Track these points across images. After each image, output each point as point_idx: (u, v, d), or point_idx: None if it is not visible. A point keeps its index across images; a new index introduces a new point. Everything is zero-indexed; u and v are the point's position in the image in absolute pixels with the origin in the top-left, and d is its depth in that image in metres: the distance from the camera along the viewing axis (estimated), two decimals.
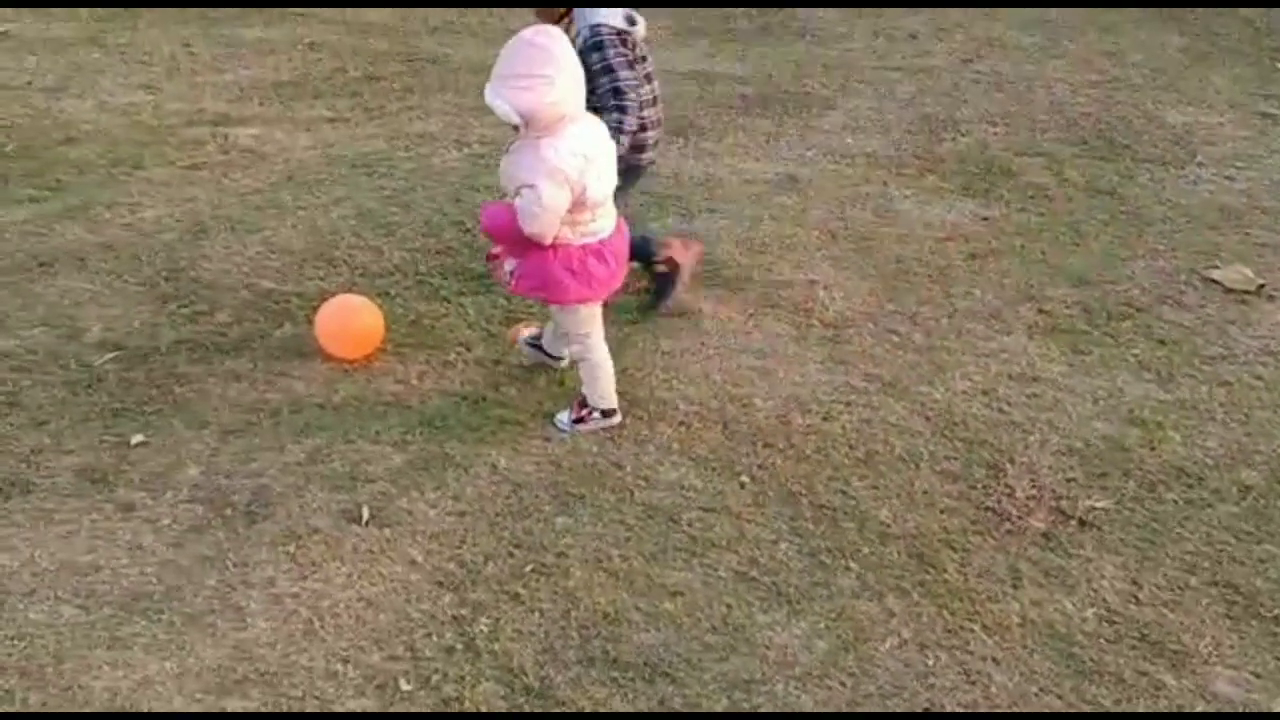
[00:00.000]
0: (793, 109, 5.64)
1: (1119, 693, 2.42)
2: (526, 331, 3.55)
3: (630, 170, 3.39)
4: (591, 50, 3.29)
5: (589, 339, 3.12)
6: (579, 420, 3.20)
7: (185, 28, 6.73)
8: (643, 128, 3.45)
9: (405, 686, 2.37)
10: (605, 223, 2.99)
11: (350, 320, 3.55)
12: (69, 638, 2.47)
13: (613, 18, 3.37)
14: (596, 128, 2.92)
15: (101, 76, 5.95)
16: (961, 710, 2.37)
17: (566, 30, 3.25)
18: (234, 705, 2.33)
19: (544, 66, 2.70)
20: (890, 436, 3.20)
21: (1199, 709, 2.39)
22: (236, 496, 2.93)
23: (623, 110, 3.31)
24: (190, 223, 4.42)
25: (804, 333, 3.71)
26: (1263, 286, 3.98)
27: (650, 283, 3.84)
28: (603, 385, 3.16)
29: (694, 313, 3.83)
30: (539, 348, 3.48)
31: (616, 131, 3.23)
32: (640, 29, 3.45)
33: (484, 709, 2.34)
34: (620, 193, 3.07)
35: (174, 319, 3.75)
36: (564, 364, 3.45)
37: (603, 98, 3.28)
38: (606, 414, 3.20)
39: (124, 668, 2.40)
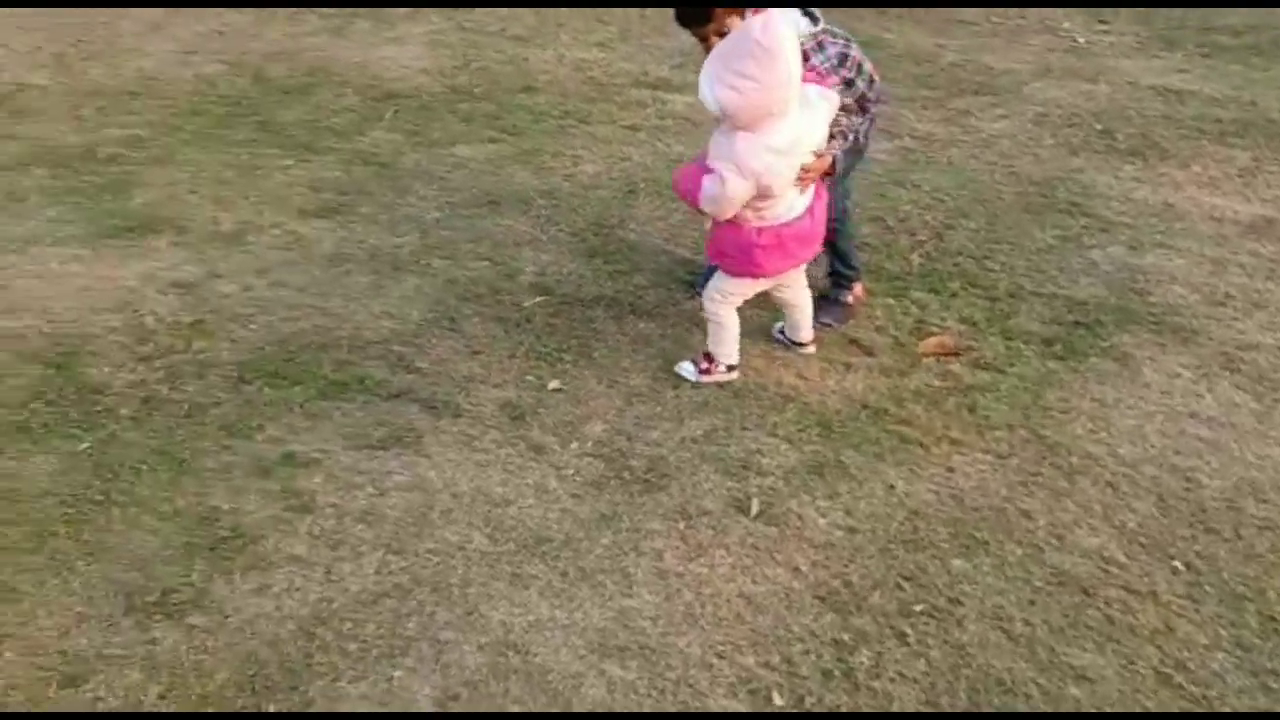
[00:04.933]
0: (1278, 142, 4.90)
1: None
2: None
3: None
4: (803, 60, 3.02)
5: (731, 304, 3.27)
6: (705, 372, 3.32)
7: None
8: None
9: (778, 700, 2.30)
10: (786, 208, 3.05)
11: None
12: (476, 564, 2.64)
13: (796, 21, 3.10)
14: (805, 121, 2.94)
15: (563, 30, 6.34)
16: None
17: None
18: (612, 669, 2.37)
19: (758, 69, 2.75)
20: None
21: None
22: (635, 461, 3.00)
23: None
24: (623, 182, 4.59)
25: (1269, 407, 3.20)
26: None
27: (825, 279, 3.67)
28: (729, 344, 3.29)
29: (1133, 358, 3.43)
30: (782, 339, 3.51)
31: None
32: (821, 24, 3.18)
33: None
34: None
35: (598, 274, 3.91)
36: (809, 349, 3.46)
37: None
38: (730, 369, 3.32)
39: (520, 606, 2.52)
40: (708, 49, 3.11)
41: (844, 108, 3.16)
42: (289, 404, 3.18)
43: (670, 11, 3.22)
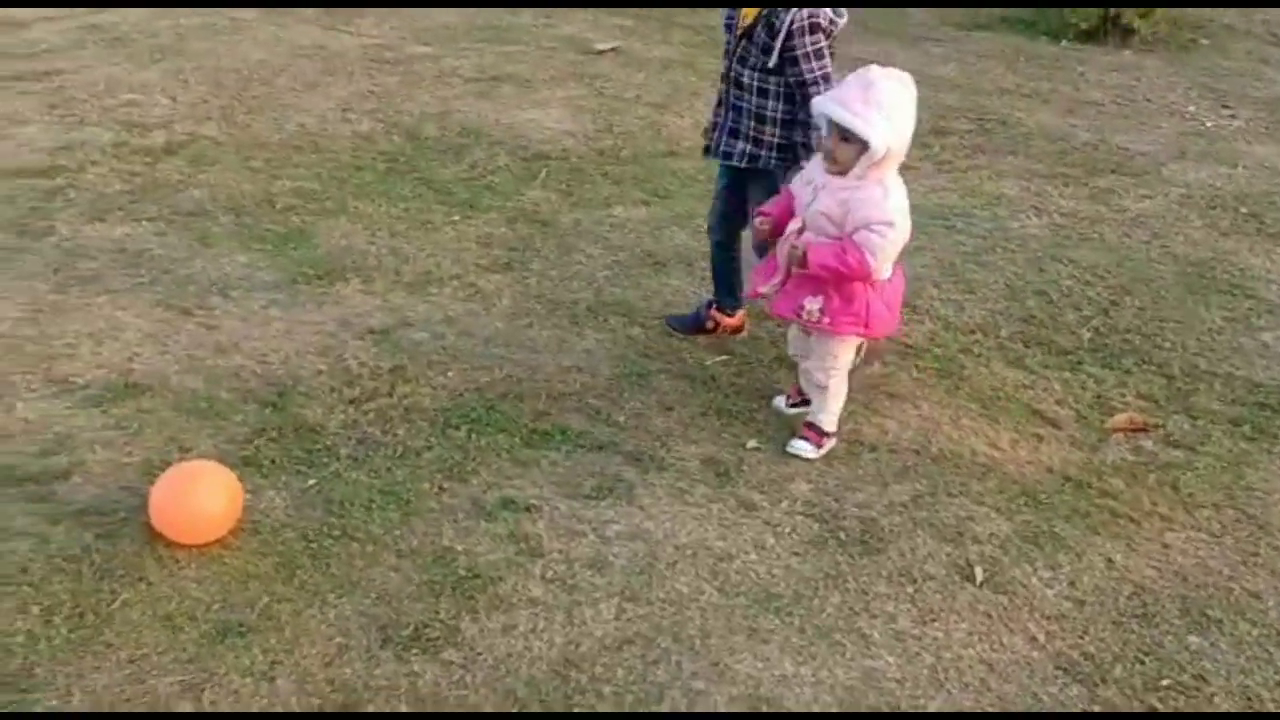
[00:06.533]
0: None
1: None
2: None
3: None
4: (808, 31, 3.22)
5: (845, 369, 3.28)
6: (819, 445, 3.30)
7: None
8: None
9: None
10: None
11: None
12: (712, 616, 2.67)
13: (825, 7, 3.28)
14: None
15: (696, 99, 6.49)
16: None
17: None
18: None
19: (908, 109, 2.87)
20: None
21: None
22: (847, 523, 3.03)
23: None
24: None
25: None
26: None
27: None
28: (838, 410, 3.31)
29: None
30: (805, 402, 3.43)
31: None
32: (842, 23, 3.34)
33: None
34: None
35: (772, 335, 3.96)
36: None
37: (807, 83, 3.25)
38: (835, 434, 3.33)
39: (763, 660, 2.55)
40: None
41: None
42: (496, 450, 3.26)
43: None
